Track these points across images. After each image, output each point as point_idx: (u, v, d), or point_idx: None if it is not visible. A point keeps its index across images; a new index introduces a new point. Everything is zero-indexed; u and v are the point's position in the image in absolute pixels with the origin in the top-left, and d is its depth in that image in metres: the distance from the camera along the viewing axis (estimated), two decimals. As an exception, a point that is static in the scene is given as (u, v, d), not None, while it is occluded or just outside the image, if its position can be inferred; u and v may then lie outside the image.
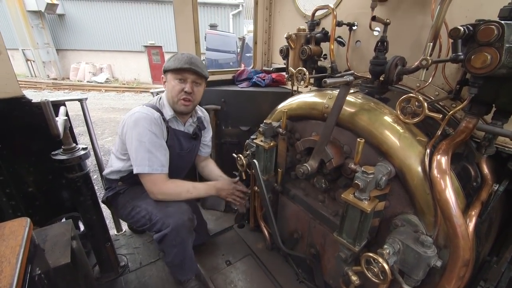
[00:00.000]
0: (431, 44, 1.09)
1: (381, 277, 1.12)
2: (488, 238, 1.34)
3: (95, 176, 5.04)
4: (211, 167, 2.26)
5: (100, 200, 1.97)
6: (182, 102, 1.77)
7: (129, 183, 1.89)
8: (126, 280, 2.08)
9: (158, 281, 2.07)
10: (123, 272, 2.13)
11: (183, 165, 2.05)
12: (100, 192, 4.65)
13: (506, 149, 1.29)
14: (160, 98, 1.88)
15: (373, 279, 1.15)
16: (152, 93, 2.50)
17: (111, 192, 1.92)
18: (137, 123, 1.66)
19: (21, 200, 2.04)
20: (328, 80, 1.14)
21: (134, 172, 1.70)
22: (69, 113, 1.88)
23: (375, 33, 1.81)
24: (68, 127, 1.62)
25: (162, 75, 1.83)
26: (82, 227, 2.21)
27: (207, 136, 2.23)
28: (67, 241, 1.62)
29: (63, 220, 2.21)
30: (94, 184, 1.95)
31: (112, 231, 2.54)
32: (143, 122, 1.65)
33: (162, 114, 1.79)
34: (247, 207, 2.13)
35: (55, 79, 16.37)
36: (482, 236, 1.21)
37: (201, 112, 2.16)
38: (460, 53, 1.06)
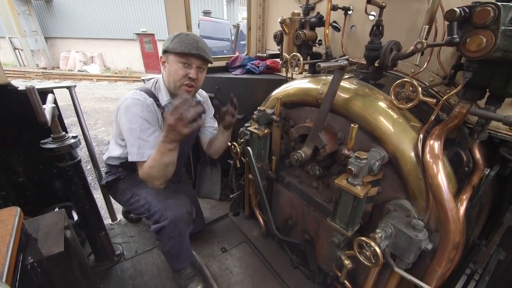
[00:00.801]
0: (427, 27, 1.06)
1: (373, 261, 1.13)
2: (478, 222, 1.37)
3: (88, 167, 4.99)
4: (212, 142, 2.03)
5: (100, 184, 1.95)
6: (185, 88, 1.65)
7: (129, 169, 1.85)
8: (122, 268, 2.09)
9: (154, 269, 2.09)
10: (119, 261, 2.14)
11: (182, 151, 1.99)
12: (94, 182, 4.62)
13: (499, 134, 1.30)
14: (157, 82, 1.75)
15: (365, 263, 1.17)
16: (143, 80, 2.44)
17: (111, 177, 1.88)
18: (128, 109, 1.58)
19: (12, 190, 2.01)
20: (322, 64, 1.12)
21: (128, 159, 1.63)
22: (61, 103, 1.83)
23: (371, 18, 1.77)
24: (57, 115, 1.58)
25: (161, 55, 1.67)
26: (76, 217, 2.20)
27: (207, 117, 2.09)
28: (60, 230, 1.61)
29: (56, 209, 2.19)
30: (88, 175, 1.93)
31: (107, 220, 2.54)
32: (133, 108, 1.57)
33: (157, 99, 1.69)
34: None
35: (45, 68, 15.97)
36: (473, 220, 1.23)
37: (200, 96, 2.03)
38: (455, 36, 1.04)
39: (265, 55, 2.66)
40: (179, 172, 2.21)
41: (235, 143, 2.02)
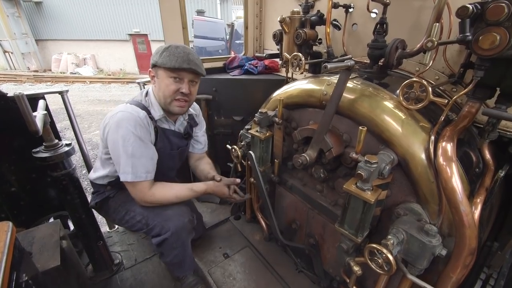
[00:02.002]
0: (437, 24, 1.02)
1: (386, 268, 1.09)
2: (488, 223, 1.34)
3: (84, 171, 4.88)
4: (202, 167, 2.05)
5: (89, 204, 1.84)
6: (177, 103, 1.58)
7: (119, 187, 1.74)
8: (122, 278, 2.02)
9: (154, 278, 2.02)
10: (118, 270, 2.07)
11: (173, 165, 1.92)
12: (90, 187, 4.51)
13: (508, 133, 1.27)
14: (147, 94, 1.66)
15: (378, 270, 1.13)
16: (139, 83, 2.37)
17: (99, 197, 1.77)
18: (120, 124, 1.47)
19: (4, 200, 1.93)
20: (329, 65, 1.07)
21: (121, 179, 1.55)
22: (53, 107, 1.75)
23: (373, 15, 1.73)
24: (49, 122, 1.51)
25: (150, 69, 1.59)
26: (72, 226, 2.12)
27: (199, 131, 2.04)
28: (56, 243, 1.55)
29: (51, 219, 2.12)
30: (83, 180, 1.86)
31: (104, 228, 2.47)
32: (126, 123, 1.47)
33: (149, 113, 1.61)
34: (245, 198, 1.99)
35: (36, 71, 15.66)
36: (484, 223, 1.20)
37: (192, 109, 1.93)
38: (468, 34, 1.00)
39: (264, 55, 2.60)
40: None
41: (235, 147, 1.96)
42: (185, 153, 1.98)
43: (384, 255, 1.07)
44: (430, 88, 1.09)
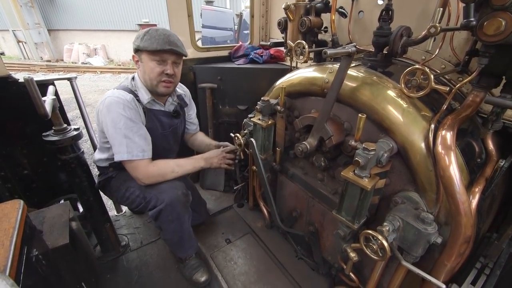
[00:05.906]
0: (441, 9, 1.00)
1: (380, 254, 1.11)
2: (489, 214, 1.33)
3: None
4: (200, 138, 2.23)
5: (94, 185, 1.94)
6: (163, 84, 1.66)
7: (120, 168, 1.82)
8: (128, 258, 2.11)
9: (159, 260, 2.10)
10: (125, 251, 2.16)
11: (169, 146, 1.97)
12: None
13: (514, 124, 1.24)
14: (133, 78, 1.74)
15: (372, 256, 1.15)
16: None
17: (103, 177, 1.88)
18: (109, 109, 1.55)
19: (18, 182, 2.02)
20: (329, 51, 1.07)
21: (115, 159, 1.62)
22: (67, 96, 1.81)
23: (380, 2, 1.69)
24: (58, 107, 1.56)
25: (134, 54, 1.65)
26: (81, 208, 2.21)
27: (192, 113, 2.15)
28: (65, 222, 1.62)
29: (62, 201, 2.21)
30: (93, 167, 1.93)
31: (112, 212, 2.56)
32: (115, 107, 1.55)
33: (137, 95, 1.68)
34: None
35: (49, 61, 15.94)
36: (484, 213, 1.20)
37: (181, 89, 2.04)
38: (472, 19, 0.98)
39: (269, 43, 2.58)
40: None
41: (238, 135, 1.99)
42: (178, 133, 2.03)
43: (379, 241, 1.09)
44: (432, 76, 1.08)
